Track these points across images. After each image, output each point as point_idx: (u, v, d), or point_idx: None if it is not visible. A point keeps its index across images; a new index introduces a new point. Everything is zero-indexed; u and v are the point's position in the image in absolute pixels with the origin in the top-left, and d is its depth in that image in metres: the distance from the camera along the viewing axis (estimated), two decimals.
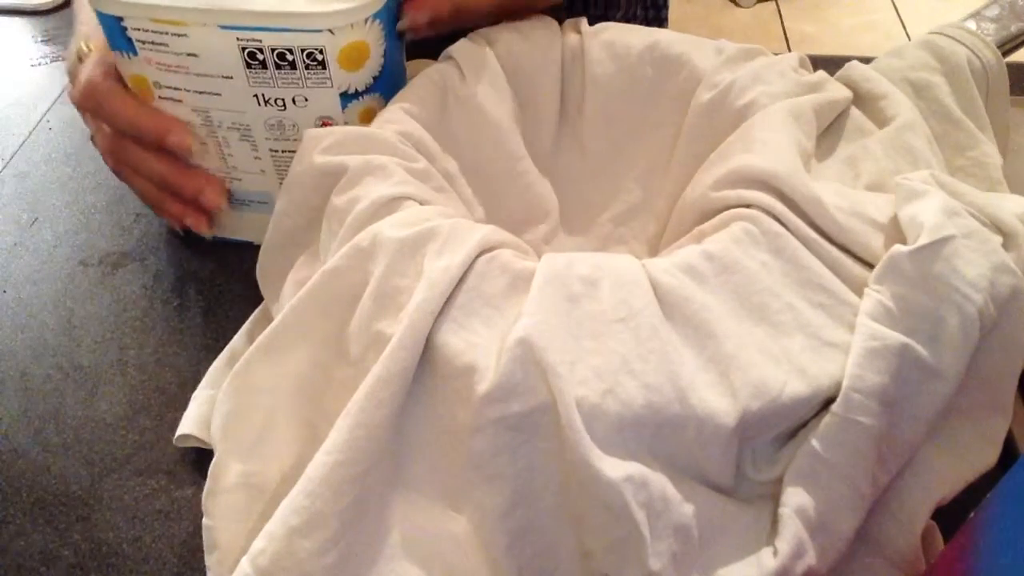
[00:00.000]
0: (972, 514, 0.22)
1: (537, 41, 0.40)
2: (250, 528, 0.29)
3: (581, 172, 0.42)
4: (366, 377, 0.27)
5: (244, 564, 0.26)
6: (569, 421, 0.26)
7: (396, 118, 0.36)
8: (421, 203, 0.32)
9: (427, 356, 0.28)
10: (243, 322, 0.39)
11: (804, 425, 0.28)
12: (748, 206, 0.31)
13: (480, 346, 0.27)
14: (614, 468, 0.26)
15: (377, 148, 0.34)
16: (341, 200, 0.32)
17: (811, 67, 0.40)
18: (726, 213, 0.32)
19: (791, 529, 0.27)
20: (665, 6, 0.64)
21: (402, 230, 0.30)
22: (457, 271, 0.28)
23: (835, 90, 0.37)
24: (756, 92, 0.35)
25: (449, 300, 0.28)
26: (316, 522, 0.26)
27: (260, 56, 0.36)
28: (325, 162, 0.33)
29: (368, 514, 0.27)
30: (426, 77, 0.39)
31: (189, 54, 0.36)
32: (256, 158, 0.40)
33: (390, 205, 0.31)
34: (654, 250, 0.40)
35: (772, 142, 0.32)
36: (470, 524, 0.27)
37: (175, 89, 0.38)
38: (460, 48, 0.40)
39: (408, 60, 0.43)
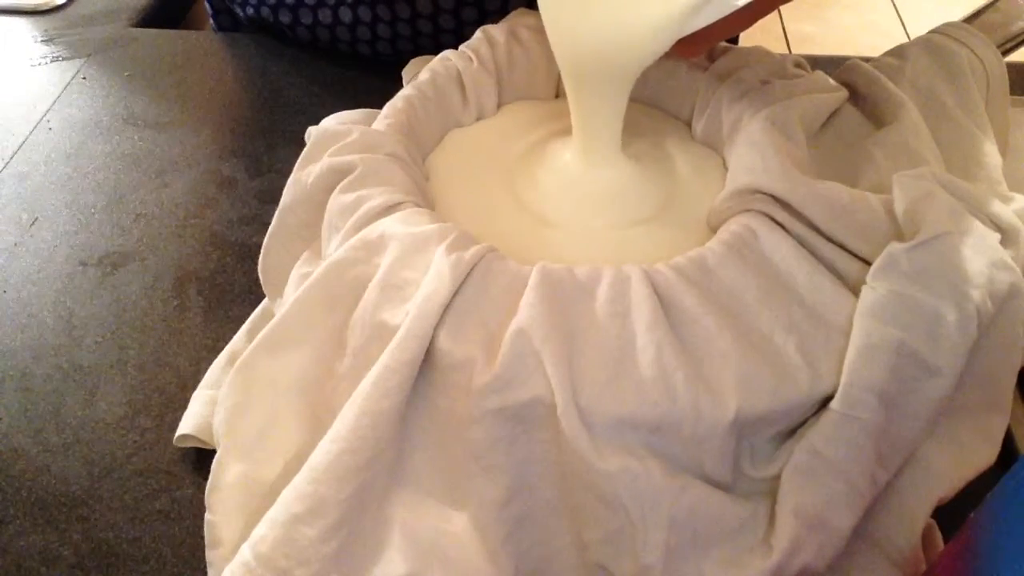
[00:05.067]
0: (972, 514, 0.22)
1: (533, 50, 0.40)
2: (253, 523, 0.29)
3: None
4: (373, 366, 0.27)
5: (244, 550, 0.26)
6: (566, 413, 0.26)
7: (396, 120, 0.36)
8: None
9: (428, 349, 0.28)
10: (243, 322, 0.39)
11: (803, 423, 0.28)
12: (746, 212, 0.31)
13: (480, 340, 0.27)
14: (610, 460, 0.26)
15: (385, 150, 0.34)
16: (348, 197, 0.32)
17: (809, 68, 0.40)
18: (727, 223, 0.32)
19: (788, 526, 0.27)
20: None
21: (411, 226, 0.30)
22: (466, 266, 0.28)
23: (827, 89, 0.37)
24: (742, 104, 0.35)
25: (454, 294, 0.28)
26: (319, 510, 0.26)
27: None
28: (335, 160, 0.33)
29: (370, 504, 0.27)
30: (429, 81, 0.38)
31: None
32: None
33: (397, 207, 0.32)
34: None
35: (758, 152, 0.32)
36: (469, 515, 0.28)
37: None
38: (461, 54, 0.40)
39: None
